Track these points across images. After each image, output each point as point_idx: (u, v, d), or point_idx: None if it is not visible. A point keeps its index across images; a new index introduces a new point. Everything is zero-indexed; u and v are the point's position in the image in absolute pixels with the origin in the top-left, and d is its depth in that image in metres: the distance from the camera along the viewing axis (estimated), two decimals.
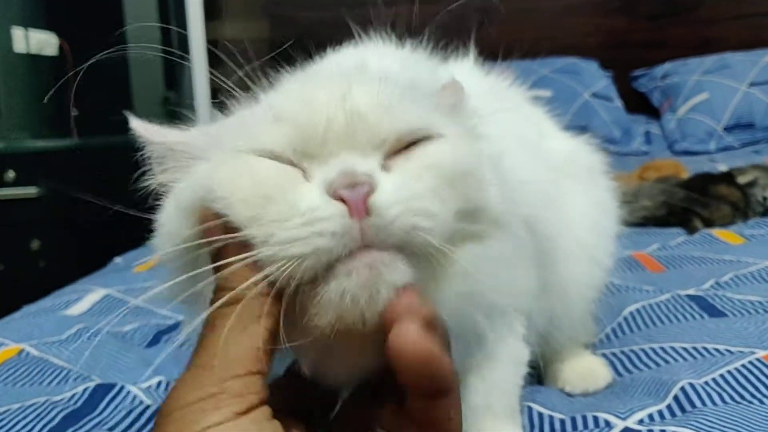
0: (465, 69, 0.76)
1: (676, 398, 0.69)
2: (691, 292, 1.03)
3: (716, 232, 1.36)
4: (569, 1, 2.83)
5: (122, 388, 0.78)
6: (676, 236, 1.39)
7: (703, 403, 0.68)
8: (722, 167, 1.87)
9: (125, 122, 0.50)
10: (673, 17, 2.80)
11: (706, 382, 0.71)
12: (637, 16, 2.82)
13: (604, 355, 0.85)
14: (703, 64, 2.63)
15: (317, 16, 2.85)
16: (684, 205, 1.44)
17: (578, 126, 0.88)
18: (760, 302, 0.95)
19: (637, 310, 0.97)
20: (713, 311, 0.95)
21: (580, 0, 2.83)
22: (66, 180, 2.39)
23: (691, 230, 1.40)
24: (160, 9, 2.79)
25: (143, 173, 0.49)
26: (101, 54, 0.52)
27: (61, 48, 2.62)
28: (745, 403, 0.67)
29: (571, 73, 2.63)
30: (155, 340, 0.96)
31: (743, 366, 0.74)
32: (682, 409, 0.68)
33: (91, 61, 0.52)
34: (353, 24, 0.67)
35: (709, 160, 2.23)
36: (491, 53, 0.81)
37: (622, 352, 0.85)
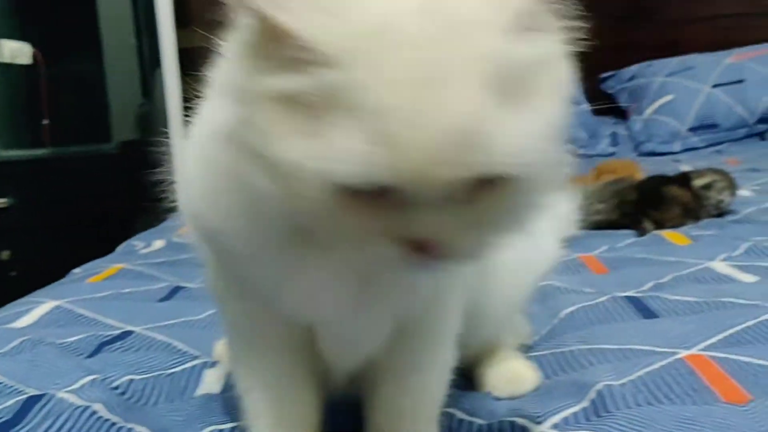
0: None
1: (592, 401, 0.70)
2: (630, 293, 1.04)
3: (665, 233, 1.38)
4: None
5: (52, 396, 0.78)
6: (625, 238, 1.41)
7: (617, 407, 0.68)
8: (686, 168, 1.89)
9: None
10: (640, 19, 2.83)
11: (624, 384, 0.72)
12: (605, 18, 2.84)
13: (535, 357, 0.86)
14: (668, 65, 2.65)
15: None
16: (635, 206, 1.46)
17: None
18: (696, 302, 0.97)
19: (574, 312, 0.99)
20: (647, 312, 0.96)
21: None
22: (38, 190, 2.40)
23: (641, 232, 1.42)
24: (135, 19, 2.79)
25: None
26: None
27: (34, 57, 2.62)
28: (656, 404, 0.69)
29: None
30: (97, 351, 0.97)
31: (662, 367, 0.75)
32: (597, 413, 0.68)
33: None
34: None
35: (674, 161, 2.26)
36: None
37: (552, 354, 0.86)
